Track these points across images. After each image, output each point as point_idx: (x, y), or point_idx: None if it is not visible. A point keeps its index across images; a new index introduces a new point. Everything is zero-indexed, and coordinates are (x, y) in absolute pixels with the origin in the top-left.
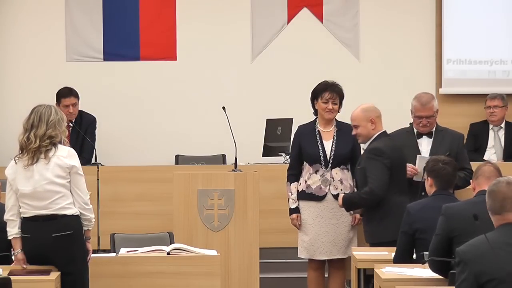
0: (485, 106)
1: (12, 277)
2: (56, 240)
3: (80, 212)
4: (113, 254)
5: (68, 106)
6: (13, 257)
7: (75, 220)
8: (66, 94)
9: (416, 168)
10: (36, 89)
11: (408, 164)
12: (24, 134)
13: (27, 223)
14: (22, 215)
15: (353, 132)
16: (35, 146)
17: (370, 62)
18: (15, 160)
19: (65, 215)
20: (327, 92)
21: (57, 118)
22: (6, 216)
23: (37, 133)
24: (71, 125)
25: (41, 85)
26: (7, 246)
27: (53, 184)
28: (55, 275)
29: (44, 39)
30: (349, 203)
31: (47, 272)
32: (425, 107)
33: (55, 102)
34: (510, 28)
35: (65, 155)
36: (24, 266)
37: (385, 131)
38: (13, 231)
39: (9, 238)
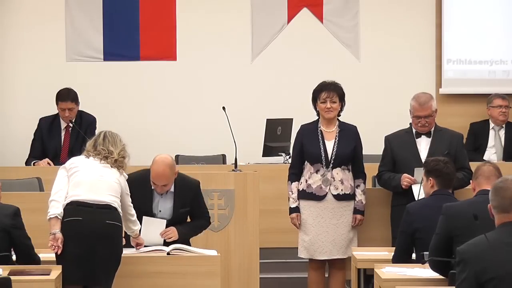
0: (492, 105)
1: (12, 277)
2: (108, 227)
3: (130, 222)
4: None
5: (64, 110)
6: (49, 237)
7: (121, 218)
8: (63, 97)
9: (414, 179)
10: (36, 89)
11: (404, 175)
12: (97, 146)
13: (78, 208)
14: (72, 199)
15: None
16: (114, 157)
17: (370, 62)
18: (87, 154)
19: (116, 209)
20: (324, 92)
21: (125, 145)
22: (52, 198)
23: (115, 149)
24: (71, 125)
25: (41, 85)
26: (7, 246)
27: (116, 184)
28: (55, 275)
29: (44, 39)
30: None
31: (47, 272)
32: (423, 107)
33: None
34: (510, 28)
35: (125, 176)
36: (60, 246)
37: None
38: (56, 211)
39: (50, 216)
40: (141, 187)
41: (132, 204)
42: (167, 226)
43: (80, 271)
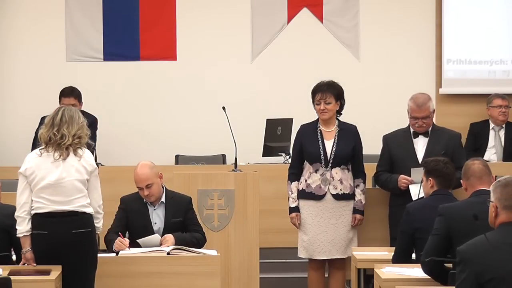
0: (491, 105)
1: (12, 277)
2: (76, 236)
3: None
4: (113, 254)
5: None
6: (22, 256)
7: (92, 219)
8: (66, 94)
9: (411, 179)
10: (36, 89)
11: (401, 176)
12: (51, 129)
13: (42, 219)
14: (36, 211)
15: None
16: (67, 142)
17: (370, 62)
18: (40, 152)
19: (84, 213)
20: (318, 94)
21: (85, 121)
22: (17, 213)
23: (70, 131)
24: None
25: (41, 85)
26: (7, 246)
27: (79, 182)
28: (55, 275)
29: (44, 39)
30: None
31: (47, 272)
32: (421, 108)
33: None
34: (510, 28)
35: (90, 156)
36: (34, 265)
37: None
38: (24, 228)
39: (19, 235)
40: (136, 204)
41: (99, 194)
42: (161, 236)
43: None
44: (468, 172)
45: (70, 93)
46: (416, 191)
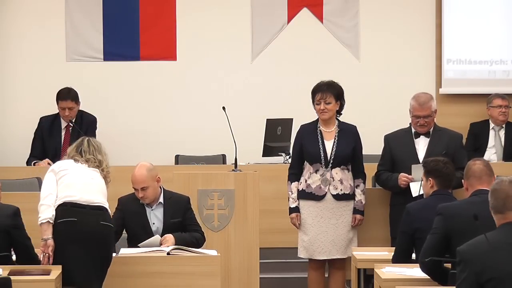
0: (491, 105)
1: (12, 277)
2: (103, 228)
3: None
4: (113, 254)
5: (64, 109)
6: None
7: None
8: (63, 96)
9: (411, 177)
10: (36, 89)
11: (401, 174)
12: (80, 155)
13: (72, 209)
14: (65, 199)
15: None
16: (103, 167)
17: (370, 62)
18: (74, 159)
19: (108, 210)
20: (317, 94)
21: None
22: (42, 202)
23: (103, 159)
24: (71, 124)
25: (41, 85)
26: (7, 246)
27: (104, 190)
28: (55, 274)
29: (44, 39)
30: None
31: (47, 272)
32: (423, 107)
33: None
34: (510, 28)
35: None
36: (51, 254)
37: None
38: (47, 215)
39: (42, 222)
40: (134, 205)
41: None
42: (161, 237)
43: (76, 272)
44: (469, 172)
45: (67, 96)
46: (417, 188)
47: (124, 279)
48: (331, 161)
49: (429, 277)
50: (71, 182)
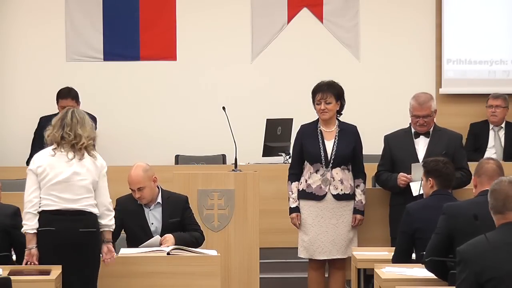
0: (487, 105)
1: (12, 277)
2: (82, 235)
3: (103, 213)
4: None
5: (64, 108)
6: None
7: (97, 220)
8: (64, 95)
9: (410, 177)
10: (36, 89)
11: (400, 174)
12: (61, 129)
13: (51, 216)
14: (44, 208)
15: None
16: (83, 144)
17: (370, 62)
18: (53, 151)
19: (91, 213)
20: (318, 93)
21: (92, 123)
22: (27, 209)
23: (83, 132)
24: None
25: (41, 85)
26: (7, 246)
27: (89, 183)
28: (55, 274)
29: (44, 39)
30: None
31: (47, 272)
32: (422, 107)
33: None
34: (510, 28)
35: (100, 157)
36: (36, 263)
37: None
38: (32, 225)
39: (27, 231)
40: (132, 205)
41: (107, 193)
42: (160, 237)
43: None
44: (481, 170)
45: (67, 94)
46: (417, 187)
47: (124, 279)
48: (332, 161)
49: (429, 277)
50: (51, 184)
